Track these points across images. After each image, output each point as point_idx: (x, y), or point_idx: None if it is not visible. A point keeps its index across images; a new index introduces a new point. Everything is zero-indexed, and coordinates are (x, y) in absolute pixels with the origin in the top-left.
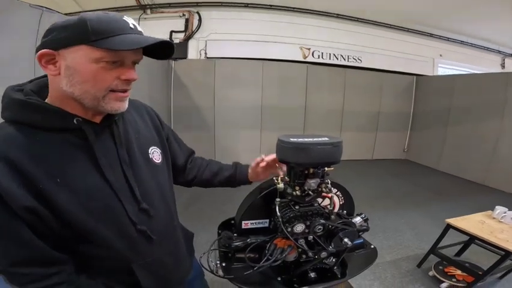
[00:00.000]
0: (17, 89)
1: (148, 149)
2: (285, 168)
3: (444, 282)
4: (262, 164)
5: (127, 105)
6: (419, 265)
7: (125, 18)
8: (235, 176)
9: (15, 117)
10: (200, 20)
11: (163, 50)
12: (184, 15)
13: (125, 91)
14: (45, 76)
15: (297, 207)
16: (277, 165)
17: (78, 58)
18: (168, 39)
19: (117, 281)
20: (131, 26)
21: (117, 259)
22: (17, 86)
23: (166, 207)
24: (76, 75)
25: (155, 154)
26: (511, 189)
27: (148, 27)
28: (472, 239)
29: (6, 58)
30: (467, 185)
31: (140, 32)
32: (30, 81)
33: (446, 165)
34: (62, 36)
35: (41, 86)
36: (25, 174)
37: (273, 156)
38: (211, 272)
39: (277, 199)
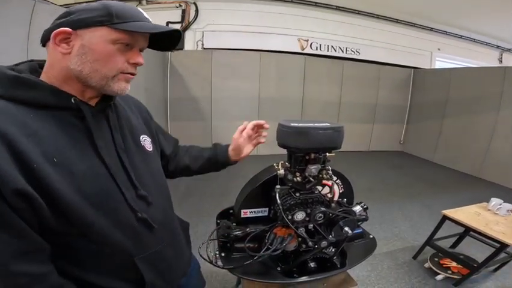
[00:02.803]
0: (9, 68)
1: (139, 137)
2: (265, 133)
3: (439, 274)
4: (248, 131)
5: (129, 89)
6: (415, 257)
7: (141, 9)
8: (216, 156)
9: (7, 93)
10: (197, 10)
11: (169, 41)
12: (180, 5)
13: (133, 74)
14: (32, 61)
15: (297, 194)
16: (260, 129)
17: (96, 38)
18: (180, 30)
19: (118, 278)
20: (146, 16)
21: (118, 253)
22: (9, 67)
23: (163, 195)
24: (89, 53)
25: (147, 142)
26: (506, 182)
27: None
28: (467, 231)
29: (3, 45)
30: (462, 178)
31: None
32: (17, 65)
33: (442, 158)
34: (85, 17)
35: (31, 69)
36: (19, 152)
37: (255, 122)
38: (210, 262)
39: (277, 186)
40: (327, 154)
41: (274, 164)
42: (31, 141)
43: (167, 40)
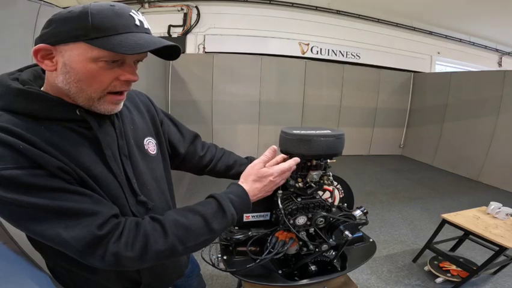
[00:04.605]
0: (12, 78)
1: (143, 140)
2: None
3: (439, 277)
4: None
5: (121, 107)
6: (415, 260)
7: (132, 13)
8: None
9: (11, 106)
10: (198, 14)
11: (169, 51)
12: (182, 9)
13: (122, 93)
14: (37, 65)
15: (299, 199)
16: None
17: (75, 56)
18: (175, 44)
19: (116, 278)
20: (137, 23)
21: None
22: (11, 74)
23: (164, 200)
24: (72, 73)
25: (151, 145)
26: (505, 186)
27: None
28: (467, 234)
29: (3, 52)
30: (462, 181)
31: (147, 29)
32: (20, 70)
33: (442, 162)
34: (61, 30)
35: (35, 76)
36: (46, 151)
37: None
38: (213, 265)
39: (279, 191)
40: (329, 160)
41: None
42: (49, 149)
43: (168, 49)
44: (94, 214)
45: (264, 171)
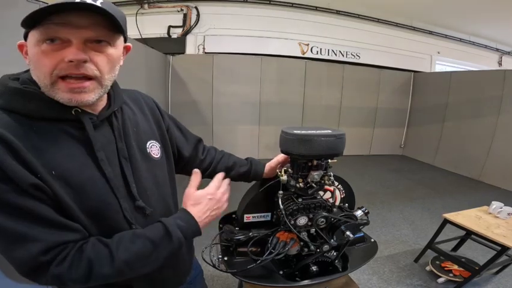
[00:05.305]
0: (13, 78)
1: (146, 143)
2: None
3: (441, 277)
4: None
5: (88, 98)
6: (416, 260)
7: None
8: (250, 173)
9: (9, 105)
10: (198, 15)
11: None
12: (182, 10)
13: (78, 78)
14: None
15: (300, 199)
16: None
17: (29, 43)
18: (85, 1)
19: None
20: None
21: None
22: (13, 75)
23: (165, 206)
24: (30, 62)
25: (154, 149)
26: (507, 185)
27: (145, 23)
28: (469, 234)
29: (3, 54)
30: (463, 181)
31: (97, 7)
32: (26, 71)
33: (442, 161)
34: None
35: None
36: (25, 162)
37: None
38: (213, 266)
39: (280, 192)
40: (329, 160)
41: (277, 170)
42: (33, 154)
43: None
44: (37, 241)
45: (198, 192)
